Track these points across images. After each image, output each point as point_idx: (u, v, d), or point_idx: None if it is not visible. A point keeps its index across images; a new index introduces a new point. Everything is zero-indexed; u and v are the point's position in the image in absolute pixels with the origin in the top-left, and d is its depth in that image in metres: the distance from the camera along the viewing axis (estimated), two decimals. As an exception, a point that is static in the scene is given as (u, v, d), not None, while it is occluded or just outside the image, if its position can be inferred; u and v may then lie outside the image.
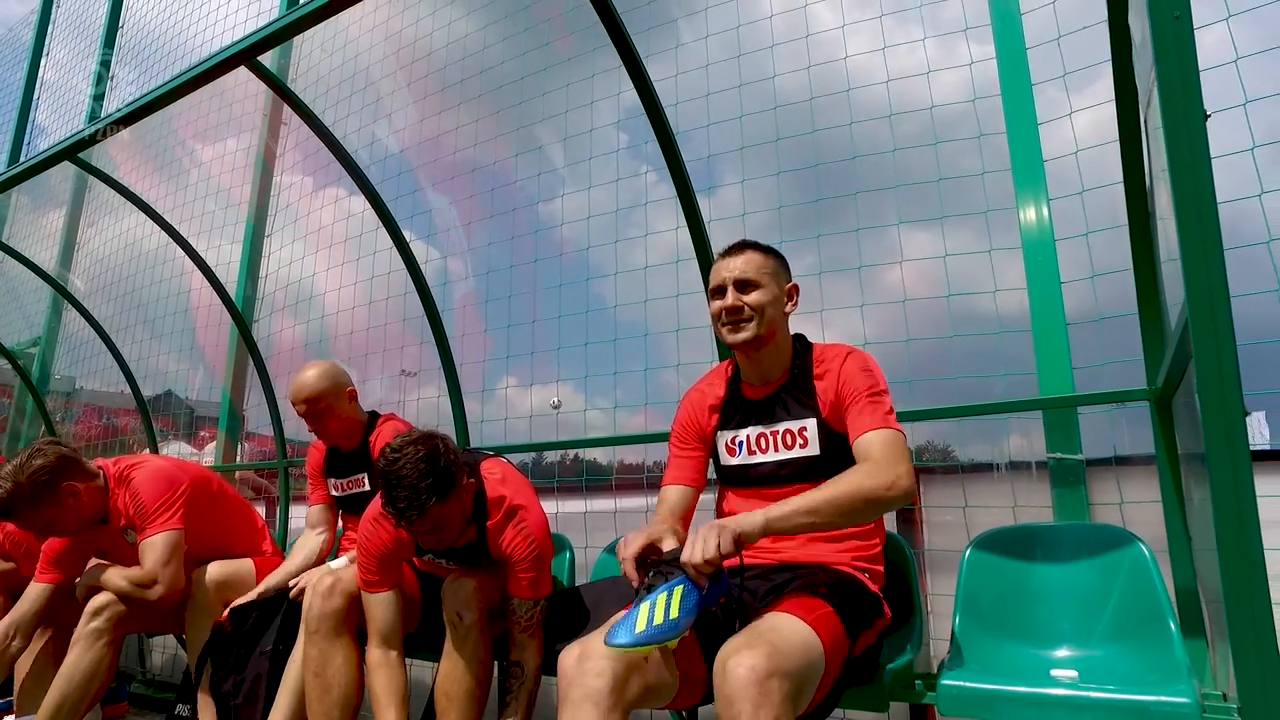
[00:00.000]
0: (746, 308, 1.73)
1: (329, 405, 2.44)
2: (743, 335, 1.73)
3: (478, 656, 1.87)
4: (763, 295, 1.74)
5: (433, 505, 1.74)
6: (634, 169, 3.25)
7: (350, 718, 1.96)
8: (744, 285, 1.75)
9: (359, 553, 2.03)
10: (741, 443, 1.80)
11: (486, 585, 1.94)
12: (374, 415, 2.63)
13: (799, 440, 1.72)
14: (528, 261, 3.41)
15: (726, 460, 1.83)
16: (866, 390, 1.64)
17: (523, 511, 1.96)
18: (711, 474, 1.90)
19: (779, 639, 1.32)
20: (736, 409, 1.83)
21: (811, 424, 1.70)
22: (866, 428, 1.59)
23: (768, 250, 1.82)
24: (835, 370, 1.71)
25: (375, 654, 1.98)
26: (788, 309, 1.81)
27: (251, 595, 2.38)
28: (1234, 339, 1.14)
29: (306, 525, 2.66)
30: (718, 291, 1.79)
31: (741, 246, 1.81)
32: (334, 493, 2.63)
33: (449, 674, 1.86)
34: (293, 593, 2.28)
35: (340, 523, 2.73)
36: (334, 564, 2.31)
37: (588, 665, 1.41)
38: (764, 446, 1.76)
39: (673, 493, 1.81)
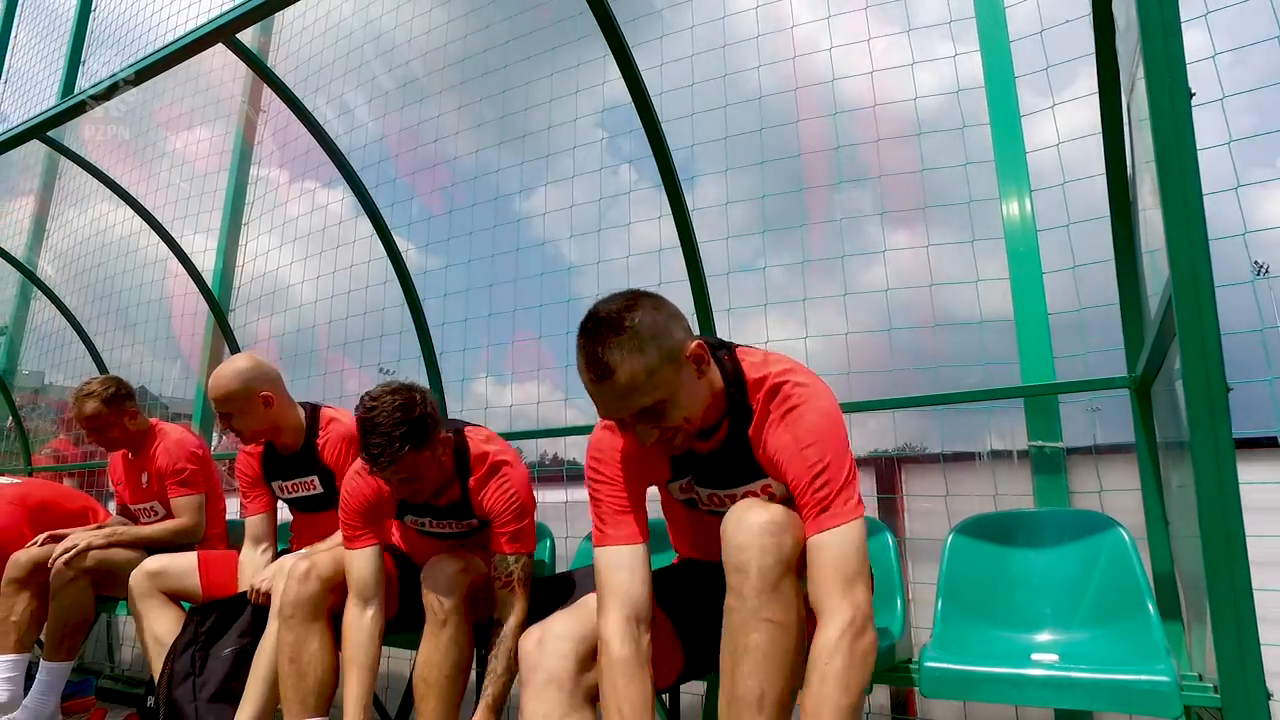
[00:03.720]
0: (664, 431, 1.33)
1: (234, 411, 2.30)
2: (681, 447, 1.39)
3: (458, 642, 1.84)
4: (676, 409, 1.31)
5: (406, 453, 1.75)
6: (616, 158, 3.25)
7: (325, 704, 1.91)
8: (644, 415, 1.31)
9: (341, 510, 2.02)
10: (693, 499, 1.58)
11: (469, 569, 1.91)
12: (314, 411, 2.48)
13: (763, 499, 1.43)
14: (509, 250, 3.38)
15: (677, 495, 1.61)
16: (809, 472, 1.28)
17: (505, 468, 1.96)
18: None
19: (794, 514, 1.29)
20: (686, 466, 1.53)
21: (769, 482, 1.44)
22: (813, 529, 1.26)
23: (635, 337, 1.26)
24: (773, 440, 1.36)
25: (351, 612, 1.93)
26: (702, 374, 1.36)
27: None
28: (1216, 314, 1.15)
29: (248, 538, 2.48)
30: (618, 424, 1.38)
31: (603, 367, 1.26)
32: (279, 495, 2.54)
33: (427, 660, 1.83)
34: (254, 596, 2.18)
35: (289, 515, 2.64)
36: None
37: (548, 647, 1.40)
38: (721, 504, 1.51)
39: (629, 558, 1.42)
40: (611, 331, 1.27)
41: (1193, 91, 1.19)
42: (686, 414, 1.33)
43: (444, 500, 2.01)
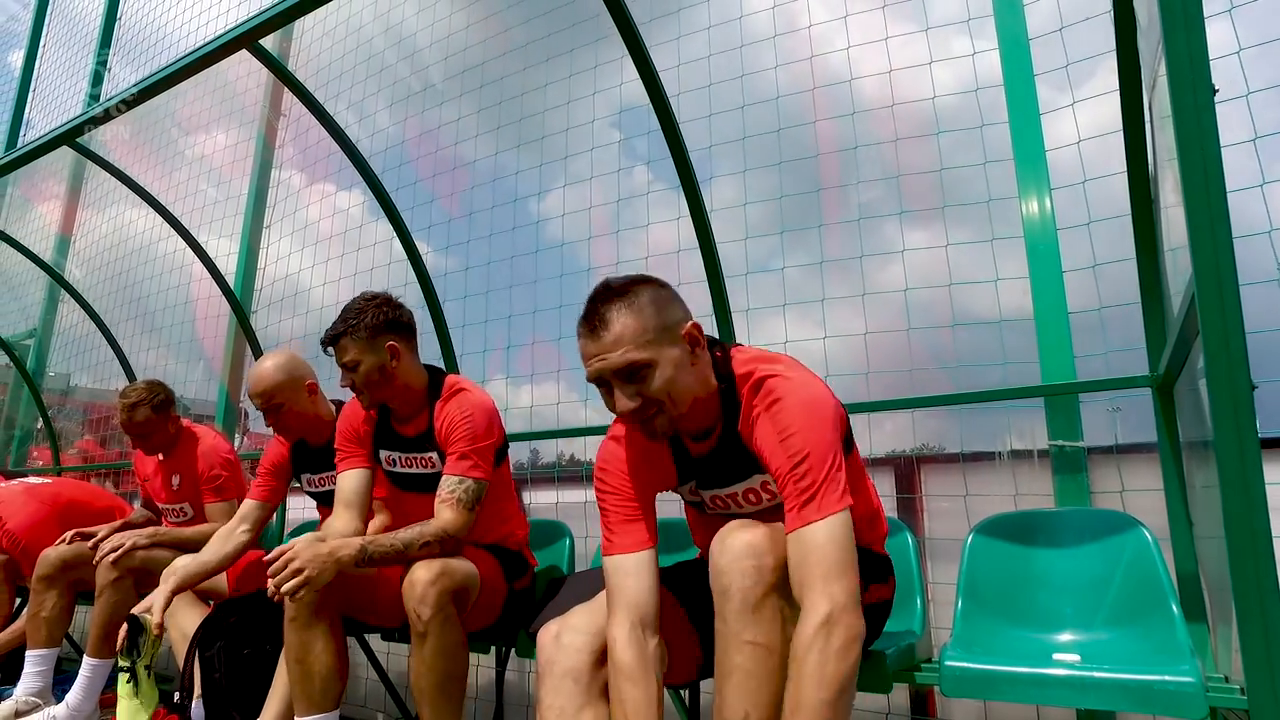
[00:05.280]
0: (645, 401, 1.34)
1: (285, 401, 2.36)
2: (662, 434, 1.39)
3: (442, 652, 1.79)
4: (660, 376, 1.33)
5: (344, 336, 1.99)
6: (632, 159, 3.26)
7: (332, 701, 1.89)
8: (629, 373, 1.33)
9: (338, 437, 2.19)
10: (701, 502, 1.61)
11: (445, 573, 1.84)
12: (340, 408, 2.51)
13: (764, 496, 1.50)
14: (528, 252, 3.40)
15: (687, 498, 1.66)
16: (789, 462, 1.26)
17: (466, 394, 2.05)
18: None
19: (779, 531, 1.28)
20: (689, 472, 1.55)
21: (769, 478, 1.42)
22: (796, 523, 1.22)
23: (634, 301, 1.34)
24: (758, 433, 1.35)
25: (334, 516, 2.09)
26: (696, 357, 1.38)
27: (159, 597, 2.20)
28: (1240, 312, 1.14)
29: (237, 516, 2.47)
30: (598, 383, 1.38)
31: (601, 320, 1.33)
32: (307, 489, 2.62)
33: (415, 669, 1.80)
34: (274, 594, 2.17)
35: (317, 514, 2.74)
36: None
37: (565, 640, 1.43)
38: (726, 505, 1.55)
39: (634, 565, 1.43)
40: (614, 293, 1.36)
41: (1216, 89, 1.18)
42: (671, 390, 1.33)
43: (411, 430, 2.12)
